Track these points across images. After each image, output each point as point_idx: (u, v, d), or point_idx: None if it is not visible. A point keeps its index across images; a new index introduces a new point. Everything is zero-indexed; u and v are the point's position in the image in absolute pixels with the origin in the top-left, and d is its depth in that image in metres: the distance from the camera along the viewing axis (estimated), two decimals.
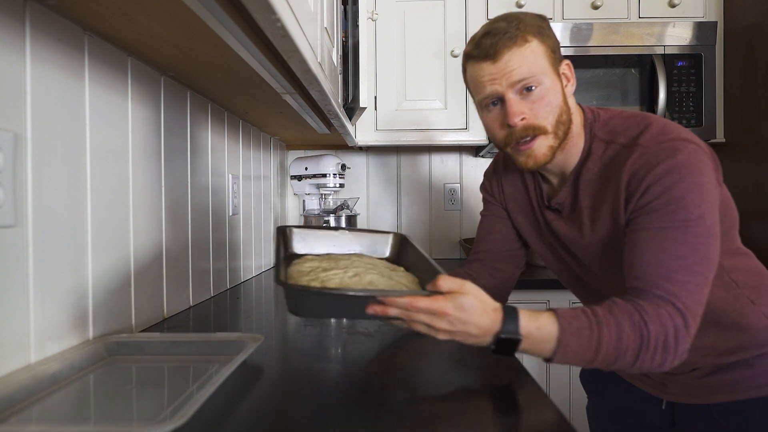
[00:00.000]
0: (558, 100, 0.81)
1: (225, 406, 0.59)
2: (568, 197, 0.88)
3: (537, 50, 0.79)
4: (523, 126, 0.81)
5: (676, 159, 0.73)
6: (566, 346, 0.67)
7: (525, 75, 0.79)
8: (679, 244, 0.71)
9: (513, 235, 1.04)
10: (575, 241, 0.89)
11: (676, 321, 0.68)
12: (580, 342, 0.67)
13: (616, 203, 0.79)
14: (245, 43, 0.79)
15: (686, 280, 0.70)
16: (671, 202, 0.72)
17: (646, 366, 0.68)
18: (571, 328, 0.67)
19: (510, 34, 0.78)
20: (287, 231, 0.91)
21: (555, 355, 0.67)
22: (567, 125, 0.83)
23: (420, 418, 0.57)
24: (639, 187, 0.75)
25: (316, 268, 0.76)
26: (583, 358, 0.68)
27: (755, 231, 1.71)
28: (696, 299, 0.70)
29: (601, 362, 0.68)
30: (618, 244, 0.80)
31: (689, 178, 0.72)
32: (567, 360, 0.68)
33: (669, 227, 0.72)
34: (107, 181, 0.84)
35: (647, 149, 0.76)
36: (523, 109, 0.80)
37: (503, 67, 0.79)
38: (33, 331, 0.67)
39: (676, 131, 0.77)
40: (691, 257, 0.70)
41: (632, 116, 0.83)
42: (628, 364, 0.68)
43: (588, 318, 0.68)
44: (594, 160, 0.83)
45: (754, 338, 0.84)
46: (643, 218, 0.74)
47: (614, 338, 0.67)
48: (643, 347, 0.67)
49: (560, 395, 1.66)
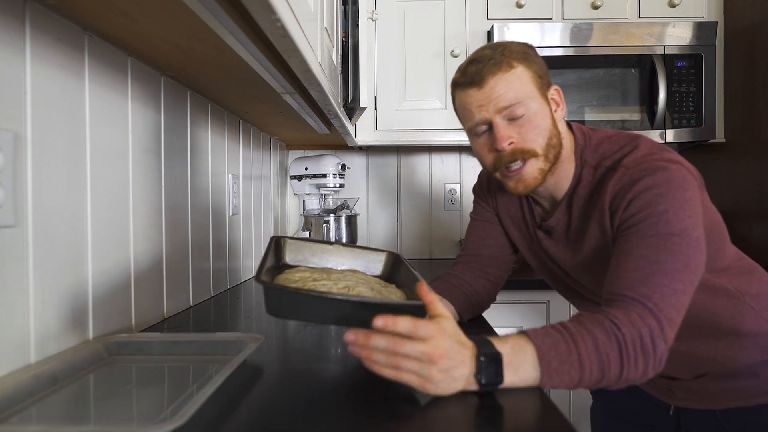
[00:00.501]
0: (547, 123, 0.81)
1: (225, 406, 0.59)
2: (560, 223, 0.88)
3: (523, 75, 0.80)
4: (512, 150, 0.81)
5: (657, 176, 0.73)
6: (548, 363, 0.62)
7: (511, 101, 0.79)
8: (659, 251, 0.70)
9: (505, 242, 1.03)
10: (566, 261, 0.90)
11: (649, 322, 0.66)
12: (560, 357, 0.63)
13: (602, 222, 0.79)
14: (245, 43, 0.79)
15: (661, 283, 0.68)
16: (653, 215, 0.71)
17: (632, 376, 0.65)
18: (545, 344, 0.63)
19: (494, 60, 0.79)
20: (281, 241, 0.91)
21: (541, 377, 0.62)
22: (557, 149, 0.83)
23: (420, 418, 0.57)
24: (621, 203, 0.75)
25: (307, 278, 0.77)
26: (569, 377, 0.63)
27: (755, 231, 1.71)
28: (671, 303, 0.67)
29: (589, 379, 0.64)
30: (606, 263, 0.79)
31: (672, 194, 0.71)
32: (554, 380, 0.63)
33: (650, 236, 0.71)
34: (107, 181, 0.84)
35: (629, 169, 0.76)
36: (511, 133, 0.80)
37: (489, 93, 0.79)
38: (33, 331, 0.67)
39: (660, 153, 0.77)
40: (670, 263, 0.69)
41: (621, 139, 0.83)
42: (615, 377, 0.64)
43: (559, 332, 0.65)
44: (584, 186, 0.84)
45: (756, 342, 0.84)
46: (626, 231, 0.74)
47: (592, 348, 0.63)
48: (624, 354, 0.64)
49: (560, 395, 1.66)
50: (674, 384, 0.92)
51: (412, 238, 2.22)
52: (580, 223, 0.85)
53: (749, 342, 0.84)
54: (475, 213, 1.06)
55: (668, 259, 0.69)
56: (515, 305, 1.63)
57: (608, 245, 0.80)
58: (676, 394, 0.92)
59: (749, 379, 0.85)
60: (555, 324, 0.67)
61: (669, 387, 0.93)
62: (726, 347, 0.85)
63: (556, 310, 1.64)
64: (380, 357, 0.59)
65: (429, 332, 0.58)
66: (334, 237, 1.95)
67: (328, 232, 1.93)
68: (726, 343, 0.85)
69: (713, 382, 0.87)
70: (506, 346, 0.63)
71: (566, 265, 0.90)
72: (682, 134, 1.82)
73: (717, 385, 0.87)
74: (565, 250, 0.89)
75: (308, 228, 1.97)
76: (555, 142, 0.82)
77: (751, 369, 0.85)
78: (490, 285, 1.02)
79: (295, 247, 0.92)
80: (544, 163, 0.82)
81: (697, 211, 0.72)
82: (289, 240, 0.92)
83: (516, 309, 1.63)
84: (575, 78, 1.80)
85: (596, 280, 0.86)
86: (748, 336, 0.84)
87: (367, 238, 2.22)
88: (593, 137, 0.86)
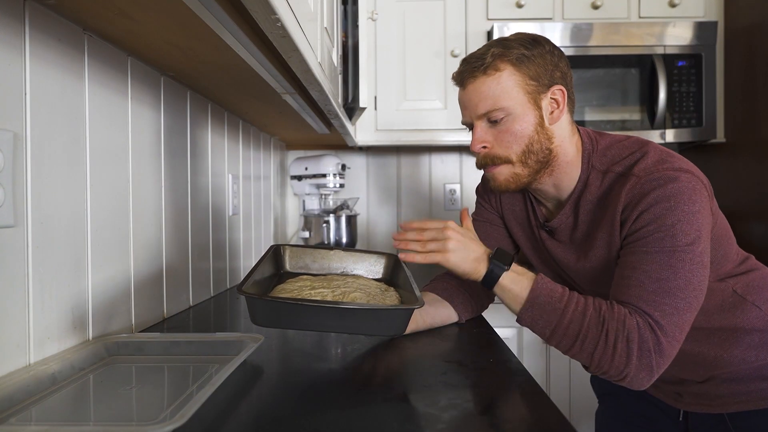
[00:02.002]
0: (528, 130, 0.81)
1: (225, 406, 0.59)
2: (563, 224, 0.88)
3: (507, 80, 0.79)
4: (484, 155, 0.84)
5: (668, 187, 0.73)
6: (537, 296, 0.74)
7: (489, 108, 0.80)
8: (663, 267, 0.71)
9: (507, 244, 1.03)
10: (569, 265, 0.90)
11: (643, 331, 0.69)
12: (549, 299, 0.74)
13: (611, 232, 0.79)
14: (245, 43, 0.79)
15: (662, 301, 0.70)
16: (661, 229, 0.72)
17: (605, 364, 0.70)
18: (544, 283, 0.75)
19: (480, 62, 0.80)
20: (280, 249, 0.91)
21: (523, 306, 0.75)
22: (542, 154, 0.82)
23: (420, 418, 0.56)
24: (631, 214, 0.75)
25: (307, 286, 0.77)
26: (546, 322, 0.74)
27: (755, 231, 1.71)
28: (672, 321, 0.70)
29: (561, 334, 0.72)
30: (610, 272, 0.81)
31: (680, 206, 0.72)
32: (533, 316, 0.75)
33: (655, 251, 0.72)
34: (107, 181, 0.84)
35: (640, 179, 0.76)
36: (486, 137, 0.83)
37: (471, 96, 0.82)
38: (32, 331, 0.67)
39: (671, 161, 0.76)
40: (672, 281, 0.70)
41: (630, 144, 0.82)
42: (587, 353, 0.71)
43: (564, 289, 0.76)
44: (592, 191, 0.83)
45: (763, 342, 0.84)
46: (632, 244, 0.75)
47: (579, 314, 0.72)
48: (602, 336, 0.70)
49: (560, 396, 1.66)
50: (682, 388, 0.91)
51: None
52: (588, 228, 0.84)
53: (756, 342, 0.84)
54: (477, 213, 1.05)
55: (671, 276, 0.70)
56: None
57: (615, 253, 0.80)
58: (685, 398, 0.91)
59: (758, 381, 0.85)
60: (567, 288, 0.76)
61: (677, 391, 0.92)
62: (732, 347, 0.84)
63: None
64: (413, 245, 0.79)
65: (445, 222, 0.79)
66: (334, 237, 1.95)
67: (328, 232, 1.93)
68: (732, 344, 0.84)
69: (721, 386, 0.87)
70: (515, 266, 0.77)
71: (569, 267, 0.90)
72: (682, 134, 1.82)
73: (725, 388, 0.87)
74: (569, 253, 0.89)
75: (308, 228, 1.97)
76: (537, 148, 0.81)
77: (759, 371, 0.84)
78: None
79: (296, 254, 0.92)
80: (520, 169, 0.83)
81: (704, 223, 0.73)
82: (289, 247, 0.92)
83: None
84: (575, 78, 1.78)
85: (598, 286, 0.86)
86: (754, 336, 0.84)
87: (367, 238, 2.22)
88: (600, 141, 0.85)
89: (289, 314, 0.67)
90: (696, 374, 0.88)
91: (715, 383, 0.87)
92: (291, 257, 0.92)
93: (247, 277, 0.71)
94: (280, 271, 0.90)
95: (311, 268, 0.92)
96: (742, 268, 0.87)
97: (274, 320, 0.68)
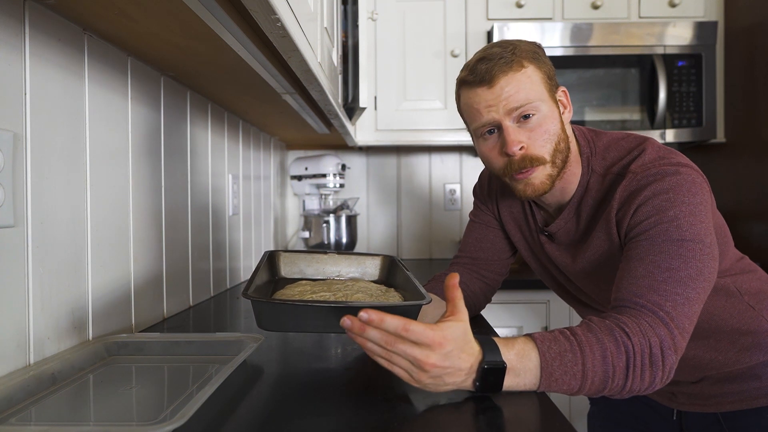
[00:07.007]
0: (556, 127, 0.78)
1: (225, 406, 0.59)
2: (563, 229, 0.86)
3: (533, 76, 0.77)
4: (522, 156, 0.77)
5: (666, 180, 0.71)
6: (550, 373, 0.61)
7: (522, 102, 0.75)
8: (672, 257, 0.67)
9: (504, 246, 1.01)
10: (568, 267, 0.89)
11: (659, 331, 0.64)
12: (564, 368, 0.61)
13: (608, 230, 0.78)
14: (245, 43, 0.79)
15: (674, 291, 0.66)
16: (663, 221, 0.69)
17: (636, 387, 0.63)
18: (551, 351, 0.61)
19: (505, 59, 0.75)
20: (274, 255, 0.91)
21: (540, 384, 0.61)
22: (565, 153, 0.80)
23: (420, 418, 0.56)
24: (629, 210, 0.73)
25: (307, 291, 0.76)
26: (569, 386, 0.62)
27: (755, 231, 1.71)
28: (683, 312, 0.65)
29: (589, 388, 0.63)
30: (610, 271, 0.78)
31: (682, 198, 0.69)
32: (552, 387, 0.62)
33: (661, 241, 0.69)
34: (107, 180, 0.84)
35: (636, 175, 0.74)
36: (521, 137, 0.77)
37: (499, 93, 0.76)
38: (32, 331, 0.67)
39: (669, 157, 0.75)
40: (683, 270, 0.67)
41: (628, 143, 0.81)
42: (617, 388, 0.63)
43: (568, 340, 0.63)
44: (592, 195, 0.82)
45: (756, 343, 0.84)
46: (635, 238, 0.72)
47: (599, 359, 0.62)
48: (630, 365, 0.62)
49: (560, 396, 1.66)
50: (676, 389, 0.91)
51: (411, 239, 2.22)
52: (585, 229, 0.83)
53: (750, 342, 0.84)
54: (474, 215, 1.04)
55: (681, 266, 0.67)
56: (515, 305, 1.63)
57: (614, 254, 0.78)
58: (678, 398, 0.91)
59: (751, 381, 0.85)
60: (564, 329, 0.65)
61: (671, 391, 0.92)
62: (727, 348, 0.84)
63: (556, 311, 1.64)
64: (374, 347, 0.57)
65: (425, 339, 0.55)
66: (334, 237, 1.94)
67: (328, 233, 1.93)
68: (727, 344, 0.84)
69: (715, 385, 0.87)
70: (512, 352, 0.61)
71: (568, 271, 0.89)
72: (683, 134, 1.82)
73: (719, 387, 0.87)
74: (568, 256, 0.87)
75: (308, 228, 1.97)
76: (563, 147, 0.79)
77: (752, 371, 0.84)
78: (485, 287, 1.01)
79: (290, 260, 0.92)
80: (551, 169, 0.79)
81: (708, 216, 0.71)
82: (283, 253, 0.92)
83: (516, 309, 1.63)
84: (575, 78, 1.80)
85: (599, 288, 0.86)
86: (748, 336, 0.84)
87: (366, 238, 2.22)
88: (598, 143, 0.83)
89: (297, 317, 0.66)
90: (690, 375, 0.88)
91: (709, 383, 0.87)
92: (285, 263, 0.92)
93: (250, 282, 0.71)
94: (275, 278, 0.90)
95: (306, 272, 0.92)
96: (737, 268, 0.86)
97: (282, 324, 0.68)
